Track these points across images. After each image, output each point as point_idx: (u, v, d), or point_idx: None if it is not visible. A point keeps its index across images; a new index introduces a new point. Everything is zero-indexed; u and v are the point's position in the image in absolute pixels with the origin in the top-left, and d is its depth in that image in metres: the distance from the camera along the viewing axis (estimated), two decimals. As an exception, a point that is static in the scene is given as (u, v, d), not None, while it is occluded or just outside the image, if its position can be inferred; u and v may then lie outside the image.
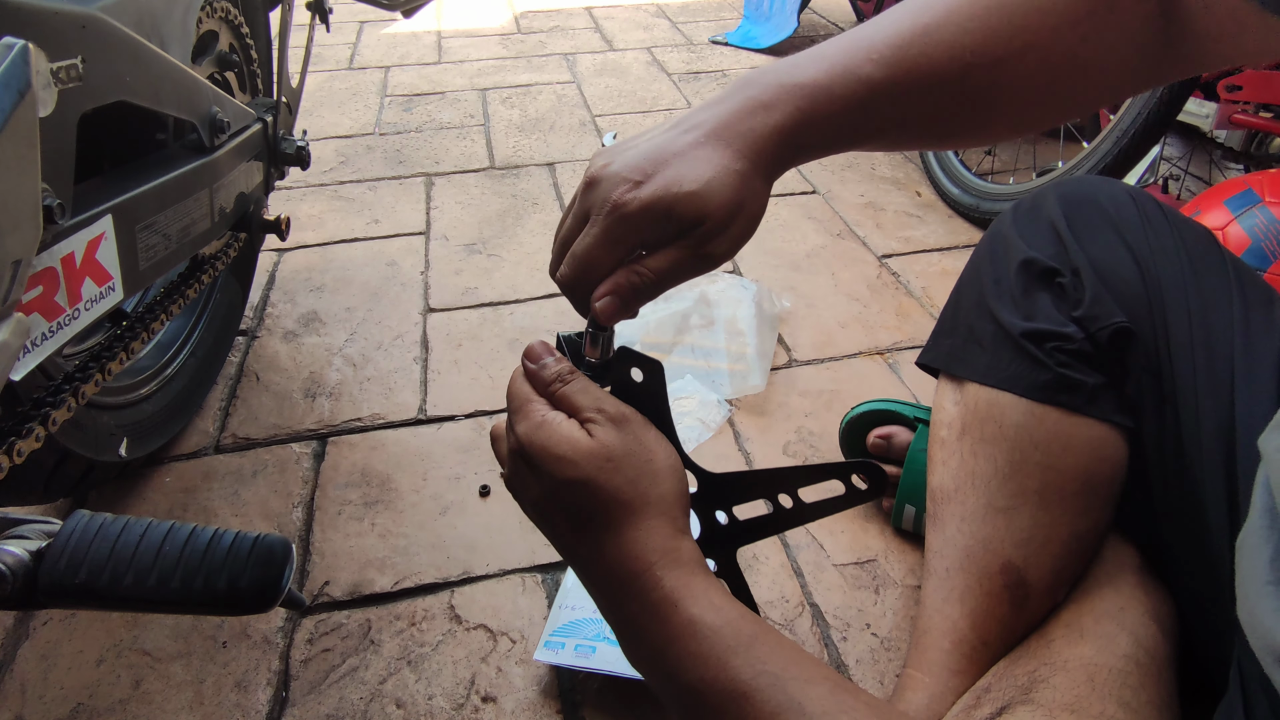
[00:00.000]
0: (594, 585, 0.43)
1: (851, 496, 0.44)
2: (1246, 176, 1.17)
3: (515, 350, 1.19)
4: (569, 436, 0.41)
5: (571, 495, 0.40)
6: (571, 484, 0.40)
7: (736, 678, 0.35)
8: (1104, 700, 0.54)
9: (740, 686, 0.35)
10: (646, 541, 0.39)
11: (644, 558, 0.39)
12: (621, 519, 0.40)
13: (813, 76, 0.41)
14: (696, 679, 0.36)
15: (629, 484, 0.40)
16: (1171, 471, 0.62)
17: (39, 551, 0.45)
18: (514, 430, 0.43)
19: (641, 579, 0.39)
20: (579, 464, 0.40)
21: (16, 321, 0.46)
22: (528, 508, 0.45)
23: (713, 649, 0.36)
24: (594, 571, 0.42)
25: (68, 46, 0.57)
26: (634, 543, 0.39)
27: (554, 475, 0.40)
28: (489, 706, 0.73)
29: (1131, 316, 0.62)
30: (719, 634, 0.37)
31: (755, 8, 2.59)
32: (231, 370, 1.14)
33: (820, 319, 1.27)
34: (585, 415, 0.42)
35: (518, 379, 0.45)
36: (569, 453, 0.40)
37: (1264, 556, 0.39)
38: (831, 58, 0.42)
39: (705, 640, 0.37)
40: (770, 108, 0.41)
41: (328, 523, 0.91)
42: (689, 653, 0.37)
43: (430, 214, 1.56)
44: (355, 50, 2.44)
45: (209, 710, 0.73)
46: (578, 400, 0.43)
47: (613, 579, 0.40)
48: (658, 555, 0.39)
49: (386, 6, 1.23)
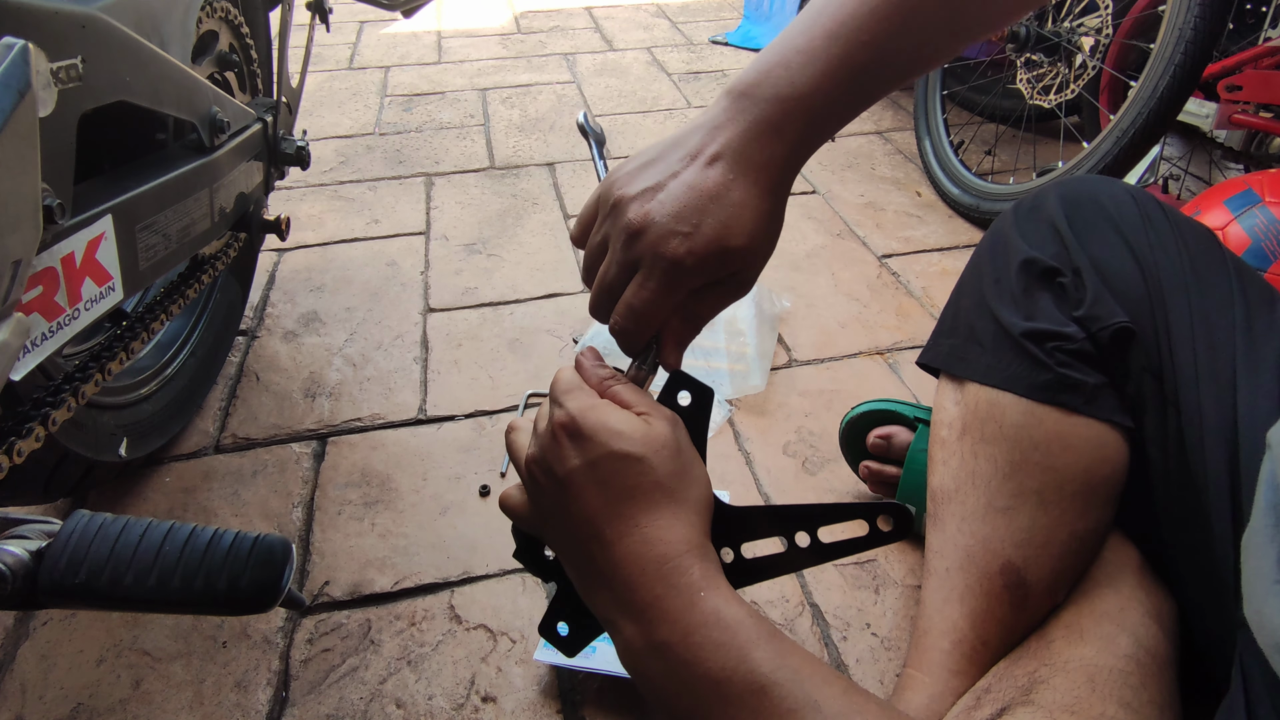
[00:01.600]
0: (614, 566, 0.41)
1: (875, 538, 0.44)
2: (1246, 176, 1.17)
3: (515, 350, 1.19)
4: (627, 416, 0.42)
5: (618, 468, 0.41)
6: (624, 457, 0.41)
7: (757, 669, 0.36)
8: (1104, 701, 0.54)
9: (760, 679, 0.36)
10: (681, 530, 0.40)
11: (677, 543, 0.40)
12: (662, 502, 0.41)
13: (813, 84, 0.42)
14: (718, 668, 0.37)
15: (674, 475, 0.41)
16: (1173, 472, 0.62)
17: (39, 551, 0.45)
18: (563, 405, 0.43)
19: (673, 562, 0.39)
20: (636, 440, 0.41)
21: (16, 321, 0.46)
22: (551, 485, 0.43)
23: (735, 639, 0.37)
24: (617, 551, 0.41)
25: (68, 46, 0.57)
26: (670, 528, 0.40)
27: (606, 446, 0.41)
28: (489, 706, 0.73)
29: (1133, 316, 0.61)
30: (741, 626, 0.37)
31: (755, 8, 2.59)
32: (231, 370, 1.14)
33: (820, 319, 1.27)
34: (638, 410, 0.43)
35: (568, 370, 0.46)
36: (626, 429, 0.41)
37: (1271, 555, 0.39)
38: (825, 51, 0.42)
39: (728, 630, 0.37)
40: (780, 132, 0.42)
41: (328, 523, 0.91)
42: (712, 641, 0.37)
43: (430, 214, 1.56)
44: (355, 50, 2.44)
45: (209, 710, 0.73)
46: (629, 397, 0.44)
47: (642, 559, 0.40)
48: (688, 545, 0.40)
49: (386, 6, 1.23)
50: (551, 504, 0.44)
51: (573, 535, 0.43)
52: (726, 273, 0.43)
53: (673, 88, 2.18)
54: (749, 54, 2.44)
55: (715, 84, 2.21)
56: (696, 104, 2.08)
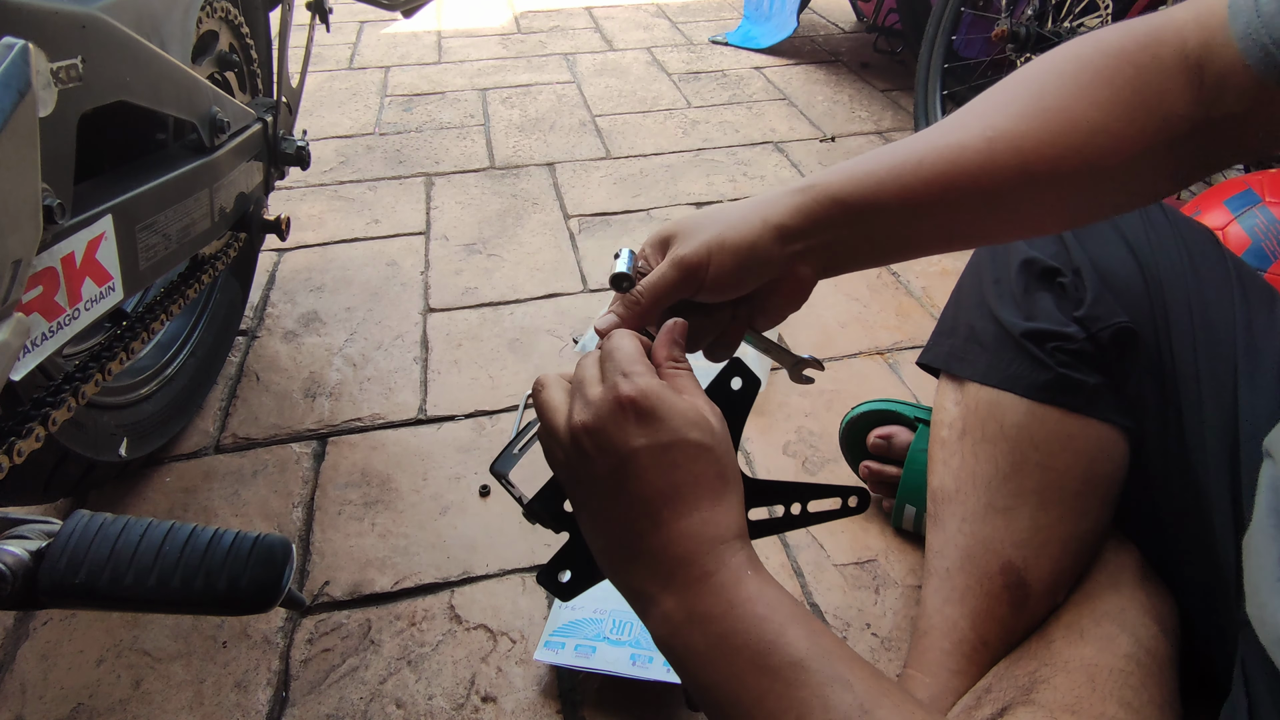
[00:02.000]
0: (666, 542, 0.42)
1: (844, 511, 0.51)
2: (1246, 176, 1.17)
3: (515, 350, 1.19)
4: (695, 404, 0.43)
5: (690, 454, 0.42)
6: (697, 446, 0.42)
7: (794, 644, 0.37)
8: (1105, 701, 0.54)
9: (796, 654, 0.37)
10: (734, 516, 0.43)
11: (731, 527, 0.42)
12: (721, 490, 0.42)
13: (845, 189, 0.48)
14: (757, 639, 0.38)
15: (731, 466, 0.43)
16: (1174, 472, 0.62)
17: (39, 551, 0.45)
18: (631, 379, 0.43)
19: (728, 544, 0.41)
20: (707, 430, 0.42)
21: (16, 321, 0.46)
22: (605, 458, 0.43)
23: (776, 615, 0.39)
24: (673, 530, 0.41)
25: (68, 46, 0.57)
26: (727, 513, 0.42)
27: (679, 433, 0.42)
28: (489, 706, 0.73)
29: (1133, 316, 0.61)
30: (781, 604, 0.39)
31: (755, 8, 2.59)
32: (231, 370, 1.14)
33: (820, 319, 1.27)
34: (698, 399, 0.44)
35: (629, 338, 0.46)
36: (697, 418, 0.42)
37: (1273, 554, 0.39)
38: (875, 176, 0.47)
39: (770, 606, 0.39)
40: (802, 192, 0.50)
41: (328, 523, 0.91)
42: (755, 615, 0.39)
43: (430, 214, 1.56)
44: (355, 50, 2.44)
45: (209, 710, 0.73)
46: (687, 384, 0.45)
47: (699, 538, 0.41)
48: (737, 531, 0.42)
49: (386, 6, 1.23)
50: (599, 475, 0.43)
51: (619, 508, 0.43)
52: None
53: (673, 88, 2.18)
54: (749, 54, 2.44)
55: (715, 84, 2.21)
56: (696, 104, 2.08)
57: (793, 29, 2.37)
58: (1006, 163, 0.45)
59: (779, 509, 0.50)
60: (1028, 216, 0.48)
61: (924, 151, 0.47)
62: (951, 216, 0.47)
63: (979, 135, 0.46)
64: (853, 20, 2.76)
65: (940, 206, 0.47)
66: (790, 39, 2.40)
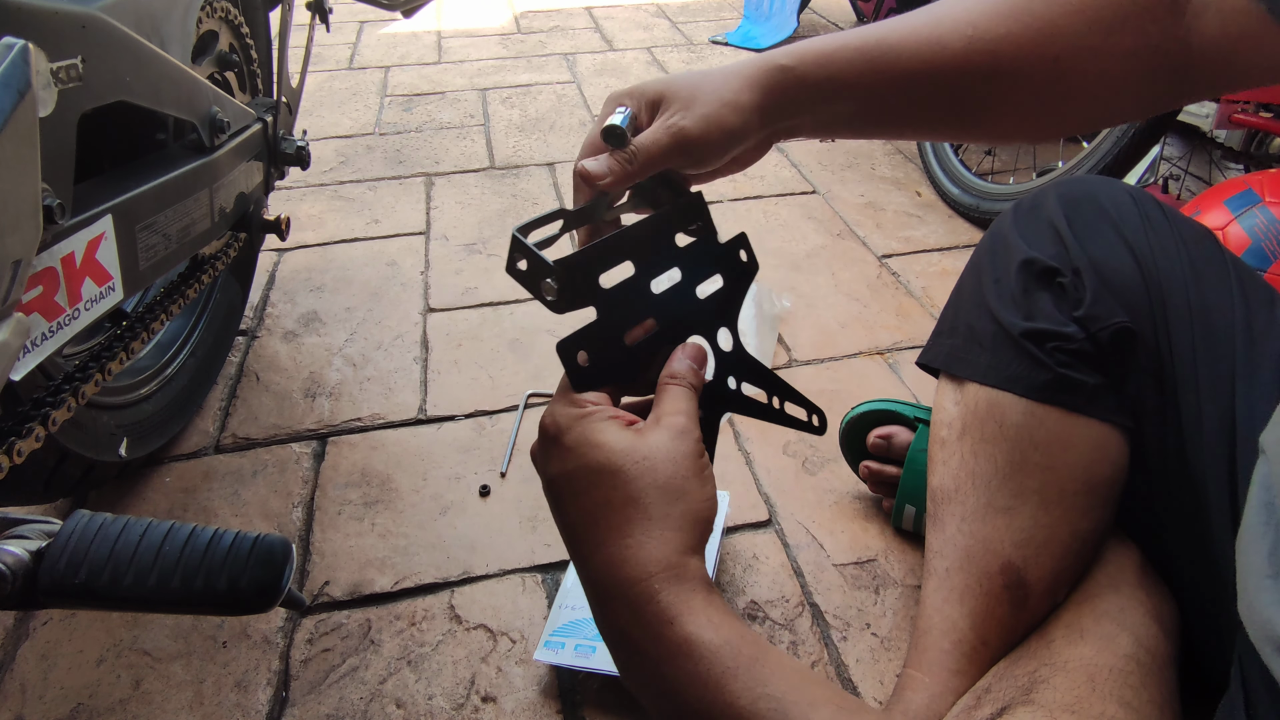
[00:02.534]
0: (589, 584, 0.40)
1: (808, 426, 0.56)
2: (1246, 176, 1.17)
3: (515, 350, 1.19)
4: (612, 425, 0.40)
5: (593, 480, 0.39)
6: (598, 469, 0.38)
7: (735, 702, 0.34)
8: (1105, 700, 0.54)
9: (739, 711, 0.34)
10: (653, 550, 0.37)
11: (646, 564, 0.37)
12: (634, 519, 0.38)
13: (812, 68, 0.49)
14: (695, 699, 0.35)
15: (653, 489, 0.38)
16: (1173, 471, 0.62)
17: (39, 551, 0.45)
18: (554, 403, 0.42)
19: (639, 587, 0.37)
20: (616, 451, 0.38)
21: (16, 321, 0.46)
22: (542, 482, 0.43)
23: (710, 670, 0.35)
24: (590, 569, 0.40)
25: (68, 46, 0.57)
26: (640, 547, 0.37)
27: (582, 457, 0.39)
28: (489, 706, 0.73)
29: (1132, 316, 0.61)
30: (718, 654, 0.35)
31: (755, 8, 2.59)
32: (231, 370, 1.14)
33: (820, 319, 1.27)
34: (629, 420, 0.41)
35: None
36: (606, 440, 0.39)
37: (1263, 550, 0.39)
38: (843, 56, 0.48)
39: (703, 660, 0.35)
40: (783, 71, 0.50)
41: (328, 523, 0.91)
42: (685, 673, 0.35)
43: (430, 214, 1.56)
44: (355, 50, 2.44)
45: (209, 710, 0.73)
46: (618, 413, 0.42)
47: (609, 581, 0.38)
48: (658, 567, 0.37)
49: (386, 6, 1.23)
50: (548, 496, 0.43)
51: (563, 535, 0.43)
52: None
53: (673, 88, 2.18)
54: (749, 54, 2.44)
55: (715, 84, 2.21)
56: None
57: (793, 29, 2.38)
58: (980, 64, 0.46)
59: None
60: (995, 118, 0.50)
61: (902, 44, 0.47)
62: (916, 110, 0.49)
63: (960, 34, 0.46)
64: (853, 20, 2.76)
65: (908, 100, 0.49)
66: (790, 39, 2.40)
